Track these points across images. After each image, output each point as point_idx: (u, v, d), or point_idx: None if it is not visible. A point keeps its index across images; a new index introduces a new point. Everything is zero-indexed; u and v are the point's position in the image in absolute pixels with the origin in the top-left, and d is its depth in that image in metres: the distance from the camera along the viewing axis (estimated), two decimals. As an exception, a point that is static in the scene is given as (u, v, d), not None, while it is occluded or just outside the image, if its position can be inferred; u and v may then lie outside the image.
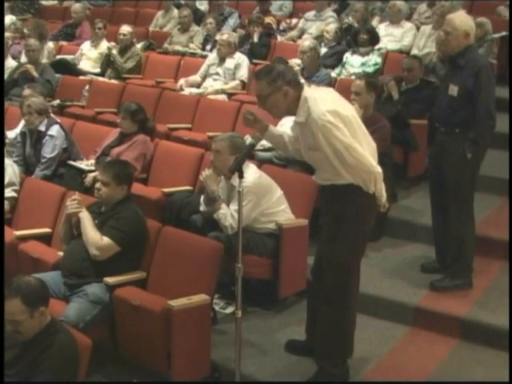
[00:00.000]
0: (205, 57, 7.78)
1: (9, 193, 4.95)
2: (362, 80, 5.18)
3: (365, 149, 3.37)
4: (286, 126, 5.24)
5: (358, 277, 3.66)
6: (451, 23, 4.35)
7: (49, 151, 5.49)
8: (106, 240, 3.95)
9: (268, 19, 8.95)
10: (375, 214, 3.60)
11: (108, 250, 3.95)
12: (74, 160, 5.59)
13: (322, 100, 3.33)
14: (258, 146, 5.13)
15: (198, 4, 10.14)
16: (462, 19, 4.38)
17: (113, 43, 8.11)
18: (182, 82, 7.28)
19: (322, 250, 3.64)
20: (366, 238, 3.65)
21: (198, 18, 9.34)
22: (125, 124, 5.55)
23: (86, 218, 4.03)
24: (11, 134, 5.96)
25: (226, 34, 7.38)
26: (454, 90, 4.37)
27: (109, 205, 4.13)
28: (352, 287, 3.59)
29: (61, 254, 4.17)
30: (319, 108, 3.28)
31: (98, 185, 4.19)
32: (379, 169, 3.41)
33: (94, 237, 3.94)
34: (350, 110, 3.43)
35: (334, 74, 7.14)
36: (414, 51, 7.52)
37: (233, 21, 9.39)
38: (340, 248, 3.48)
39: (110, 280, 3.86)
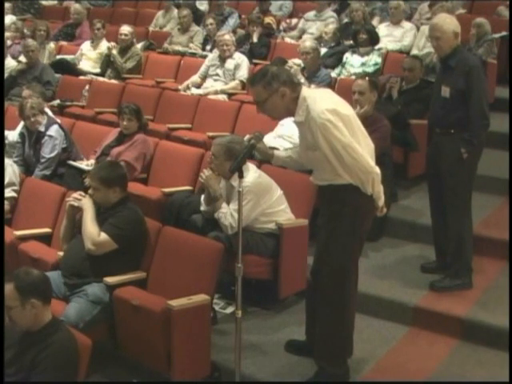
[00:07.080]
0: (205, 57, 7.77)
1: (9, 193, 4.95)
2: (364, 79, 5.17)
3: (363, 149, 3.36)
4: (286, 125, 5.26)
5: (355, 277, 3.65)
6: (438, 27, 4.36)
7: (48, 151, 5.49)
8: (102, 236, 3.94)
9: (268, 19, 8.95)
10: (373, 216, 3.59)
11: (104, 246, 3.93)
12: (74, 160, 5.58)
13: (321, 99, 3.33)
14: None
15: (198, 4, 10.15)
16: (447, 21, 4.38)
17: (113, 43, 8.11)
18: (188, 82, 7.27)
19: (320, 250, 3.64)
20: (363, 239, 3.63)
21: (198, 18, 9.35)
22: (132, 125, 5.53)
23: (88, 209, 4.03)
24: (11, 136, 5.95)
25: (226, 34, 7.36)
26: (446, 91, 4.38)
27: (107, 207, 4.13)
28: (349, 287, 3.57)
29: (61, 253, 4.17)
30: (318, 106, 3.27)
31: (90, 190, 4.17)
32: (377, 170, 3.40)
33: (92, 231, 3.93)
34: (349, 110, 3.42)
35: (334, 73, 7.14)
36: (414, 51, 7.52)
37: (233, 21, 9.39)
38: (336, 248, 3.48)
39: (110, 280, 3.86)
